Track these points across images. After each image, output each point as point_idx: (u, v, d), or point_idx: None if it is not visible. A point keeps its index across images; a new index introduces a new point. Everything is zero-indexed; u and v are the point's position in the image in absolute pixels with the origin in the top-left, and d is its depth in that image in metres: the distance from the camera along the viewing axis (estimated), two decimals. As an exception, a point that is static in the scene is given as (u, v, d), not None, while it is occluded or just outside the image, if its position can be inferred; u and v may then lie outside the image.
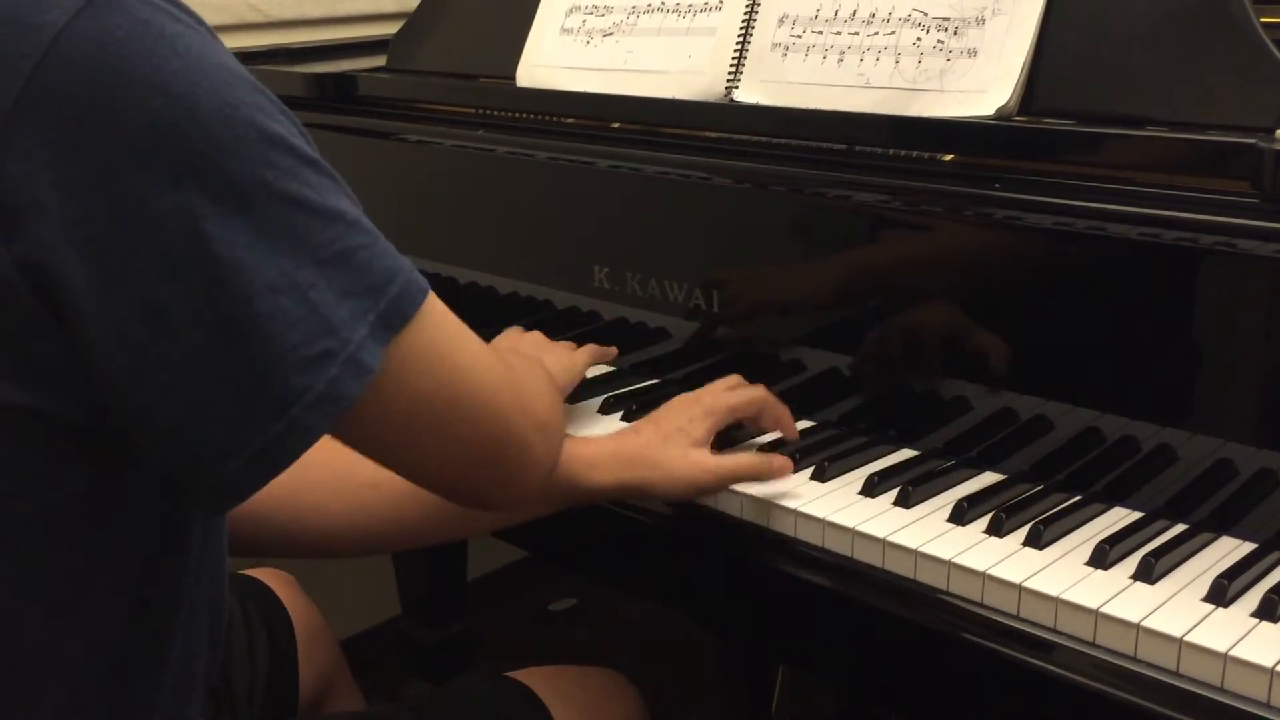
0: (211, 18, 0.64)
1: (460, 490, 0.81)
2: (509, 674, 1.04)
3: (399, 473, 0.77)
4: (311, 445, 0.66)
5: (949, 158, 1.03)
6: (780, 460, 1.01)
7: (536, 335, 1.19)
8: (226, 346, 0.63)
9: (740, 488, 1.00)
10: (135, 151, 0.60)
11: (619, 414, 1.15)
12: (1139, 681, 0.78)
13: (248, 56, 1.64)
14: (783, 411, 1.06)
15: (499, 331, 1.35)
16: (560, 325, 1.32)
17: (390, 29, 1.65)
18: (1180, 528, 0.91)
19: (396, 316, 0.67)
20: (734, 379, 1.09)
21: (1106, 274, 0.95)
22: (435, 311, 0.71)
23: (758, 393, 1.06)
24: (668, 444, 0.99)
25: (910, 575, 0.90)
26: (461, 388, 0.73)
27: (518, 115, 1.35)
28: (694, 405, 1.03)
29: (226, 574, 0.85)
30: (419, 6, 1.54)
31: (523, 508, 0.92)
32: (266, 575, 1.21)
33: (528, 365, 0.91)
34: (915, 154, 1.04)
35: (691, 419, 1.01)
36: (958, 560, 0.87)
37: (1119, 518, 0.93)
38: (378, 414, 0.69)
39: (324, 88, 1.52)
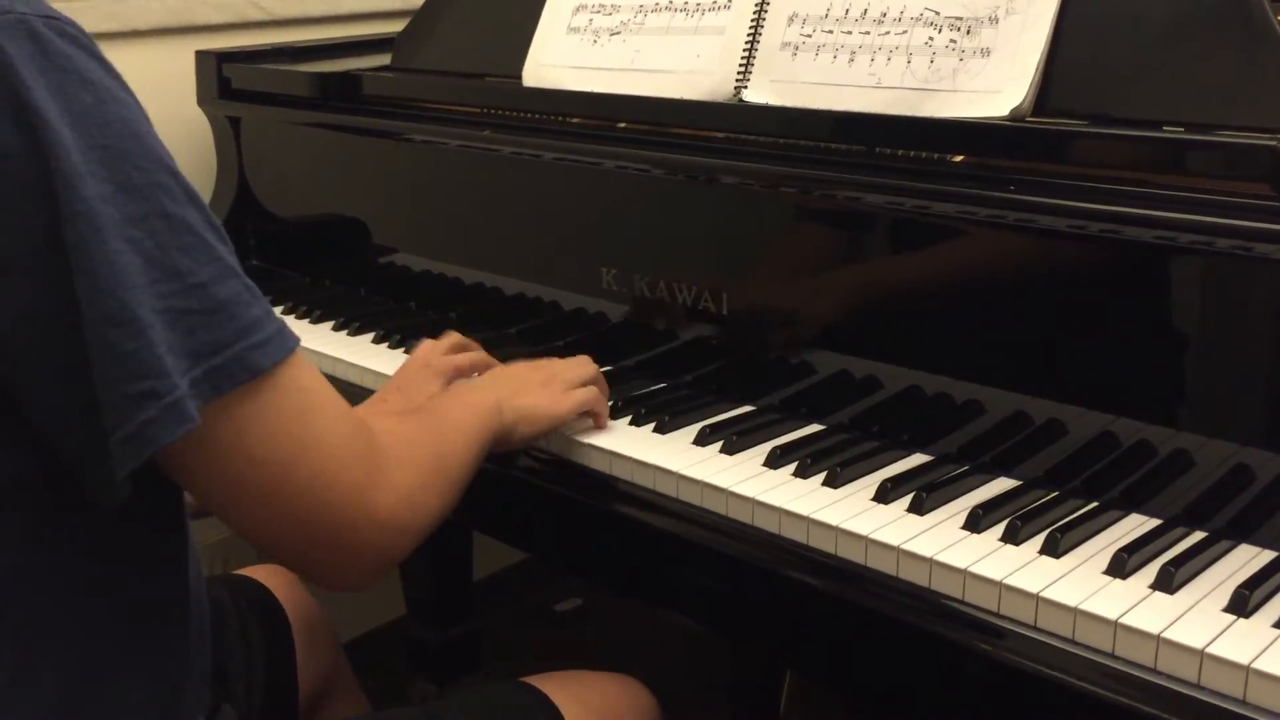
0: (213, 16, 0.64)
1: (286, 561, 0.82)
2: (524, 679, 1.03)
3: (230, 527, 0.77)
4: (125, 475, 0.67)
5: (959, 158, 1.01)
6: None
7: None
8: (68, 370, 0.66)
9: (750, 493, 0.98)
10: None
11: (650, 425, 1.12)
12: (1159, 694, 0.77)
13: (250, 55, 1.63)
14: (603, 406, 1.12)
15: (504, 334, 1.35)
16: (566, 327, 1.31)
17: (394, 26, 1.64)
18: (1199, 535, 0.89)
19: (227, 378, 0.69)
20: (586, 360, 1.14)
21: (1121, 277, 0.94)
22: (288, 381, 0.72)
23: (598, 380, 1.12)
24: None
25: (925, 584, 0.88)
26: (297, 464, 0.73)
27: (524, 115, 1.34)
28: (546, 369, 1.10)
29: (201, 574, 0.88)
30: (424, 5, 1.53)
31: (359, 588, 0.86)
32: (266, 572, 1.21)
33: (419, 442, 0.88)
34: (928, 155, 1.03)
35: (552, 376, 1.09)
36: (973, 569, 0.86)
37: (1136, 524, 0.92)
38: (201, 468, 0.71)
39: (328, 87, 1.51)
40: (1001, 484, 0.99)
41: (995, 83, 1.01)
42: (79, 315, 0.65)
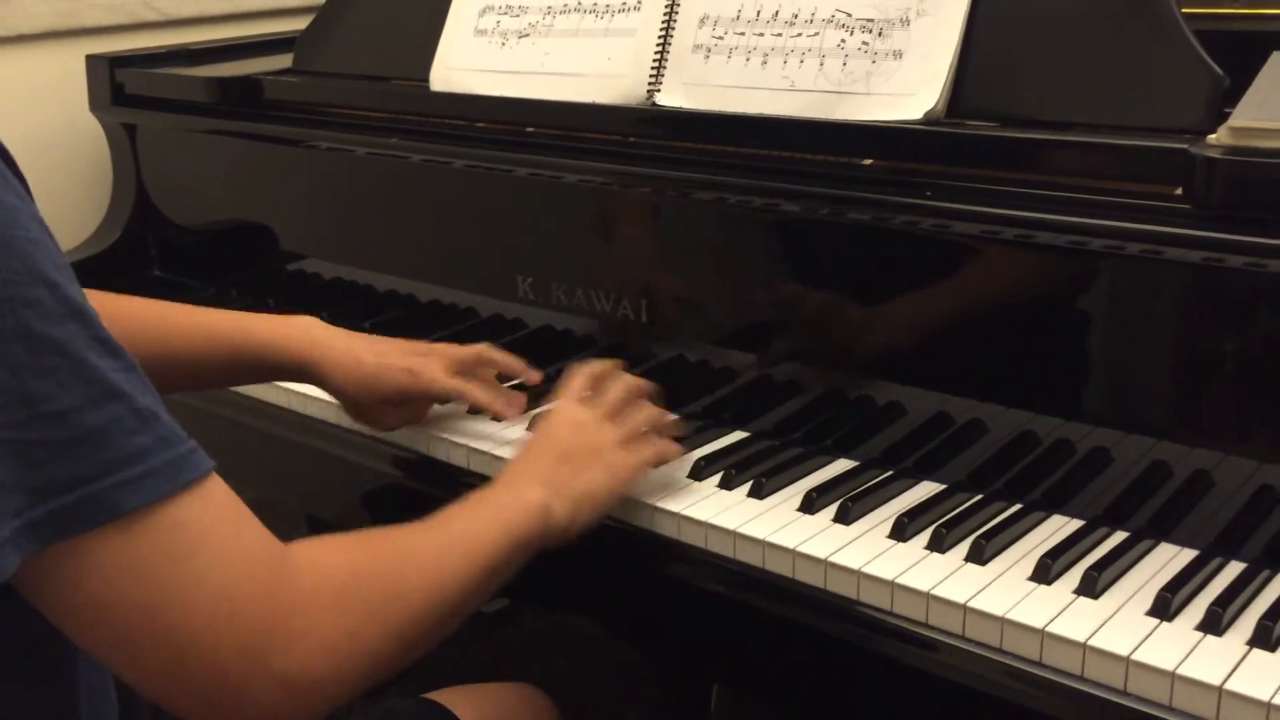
0: (104, 18, 0.59)
1: (162, 704, 0.71)
2: (426, 695, 1.02)
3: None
4: None
5: (873, 162, 1.01)
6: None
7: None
8: None
9: (673, 507, 0.97)
10: None
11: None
12: (1086, 701, 0.77)
13: (145, 59, 1.58)
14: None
15: (429, 335, 1.32)
16: (485, 334, 1.28)
17: (296, 24, 1.59)
18: (1121, 535, 0.90)
19: (76, 520, 0.61)
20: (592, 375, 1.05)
21: (1037, 278, 0.94)
22: (164, 520, 0.64)
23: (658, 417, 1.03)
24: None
25: (854, 596, 0.88)
26: (156, 612, 0.65)
27: (432, 120, 1.31)
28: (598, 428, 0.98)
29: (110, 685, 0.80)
30: (326, 4, 1.49)
31: None
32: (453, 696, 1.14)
33: (371, 575, 0.76)
34: (843, 159, 1.02)
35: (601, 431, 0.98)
36: (900, 580, 0.86)
37: (1059, 526, 0.93)
38: (48, 607, 0.65)
39: (227, 92, 1.47)
40: (926, 489, 0.99)
41: (908, 85, 1.01)
42: None
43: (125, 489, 0.62)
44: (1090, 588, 0.83)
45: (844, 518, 0.94)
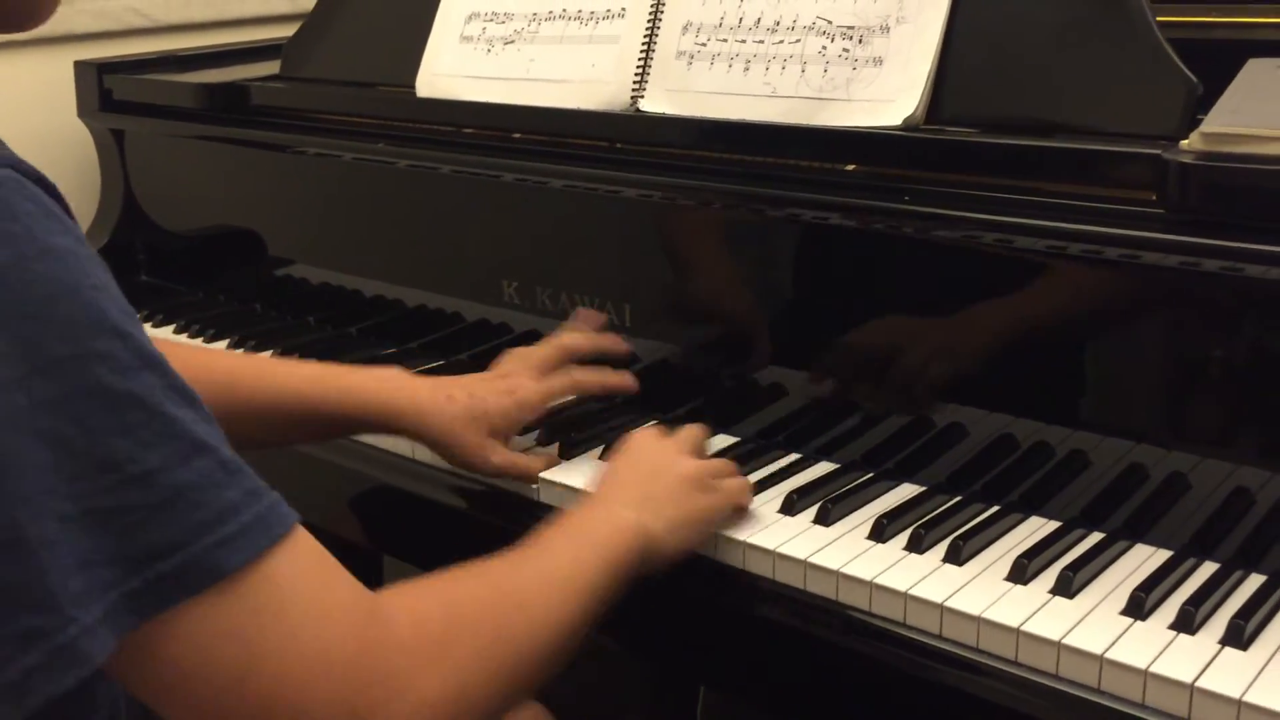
0: (92, 24, 0.60)
1: None
2: None
3: None
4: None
5: (854, 168, 1.02)
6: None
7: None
8: None
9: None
10: None
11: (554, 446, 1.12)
12: (1061, 700, 0.78)
13: (132, 65, 1.58)
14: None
15: (406, 348, 1.32)
16: (470, 340, 1.29)
17: (283, 31, 1.60)
18: (1097, 536, 0.91)
19: (179, 586, 0.57)
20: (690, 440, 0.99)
21: (1016, 283, 0.95)
22: (261, 578, 0.60)
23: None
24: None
25: (833, 596, 0.89)
26: (246, 680, 0.60)
27: (419, 126, 1.31)
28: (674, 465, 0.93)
29: None
30: (312, 11, 1.49)
31: None
32: None
33: (476, 620, 0.70)
34: (823, 165, 1.03)
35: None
36: (879, 581, 0.87)
37: (1036, 527, 0.94)
38: (126, 678, 0.60)
39: (214, 98, 1.47)
40: (905, 491, 1.00)
41: (888, 91, 1.02)
42: None
43: (225, 548, 0.58)
44: (1066, 588, 0.84)
45: (824, 519, 0.95)
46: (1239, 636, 0.78)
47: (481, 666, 0.69)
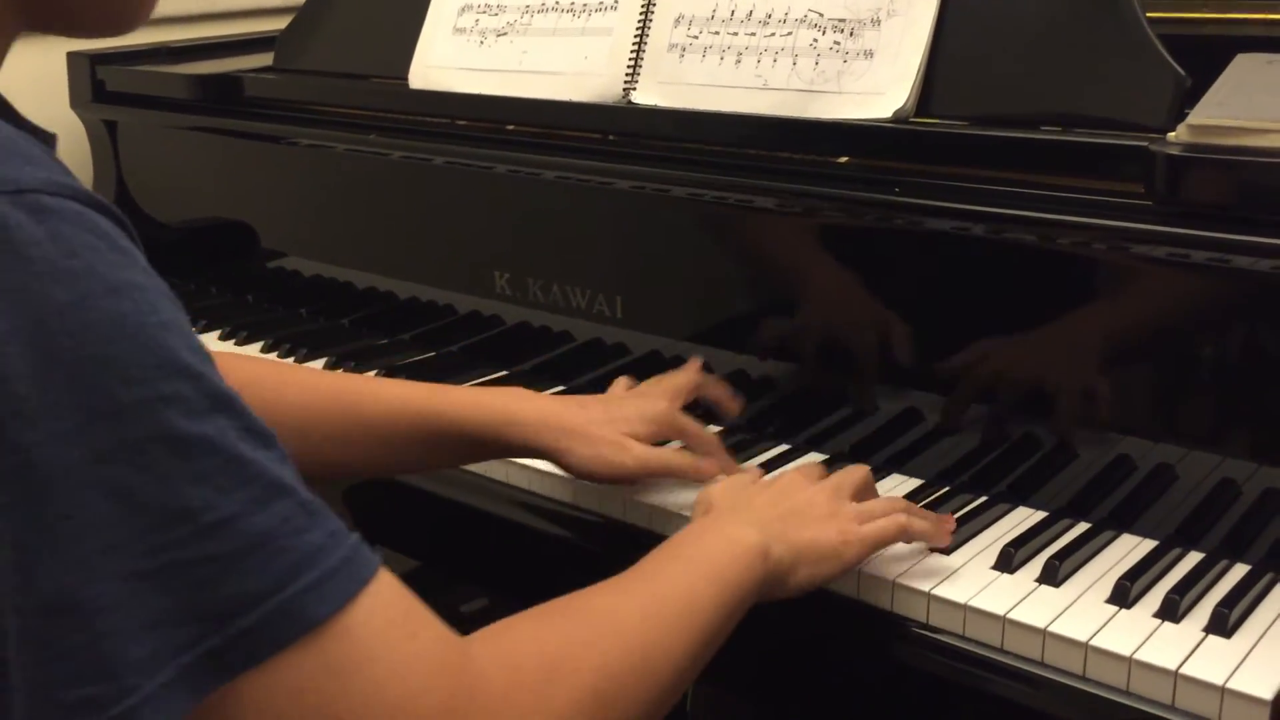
0: None
1: None
2: None
3: None
4: None
5: (845, 160, 1.03)
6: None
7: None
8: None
9: (656, 501, 0.99)
10: None
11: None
12: (1046, 687, 0.79)
13: (125, 56, 1.58)
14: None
15: (398, 340, 1.32)
16: (461, 331, 1.29)
17: (275, 24, 1.60)
18: (1083, 526, 0.92)
19: (265, 642, 0.52)
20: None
21: (1007, 276, 0.95)
22: (347, 627, 0.55)
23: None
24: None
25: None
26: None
27: (412, 118, 1.32)
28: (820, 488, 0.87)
29: None
30: (306, 2, 1.49)
31: None
32: None
33: (572, 661, 0.64)
34: (814, 157, 1.04)
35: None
36: (866, 570, 0.87)
37: (1024, 517, 0.94)
38: None
39: (207, 90, 1.47)
40: (896, 482, 1.00)
41: (879, 84, 1.02)
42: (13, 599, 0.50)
43: (311, 595, 0.53)
44: (1052, 576, 0.85)
45: (813, 509, 0.95)
46: (1223, 625, 0.78)
47: (583, 713, 0.63)
